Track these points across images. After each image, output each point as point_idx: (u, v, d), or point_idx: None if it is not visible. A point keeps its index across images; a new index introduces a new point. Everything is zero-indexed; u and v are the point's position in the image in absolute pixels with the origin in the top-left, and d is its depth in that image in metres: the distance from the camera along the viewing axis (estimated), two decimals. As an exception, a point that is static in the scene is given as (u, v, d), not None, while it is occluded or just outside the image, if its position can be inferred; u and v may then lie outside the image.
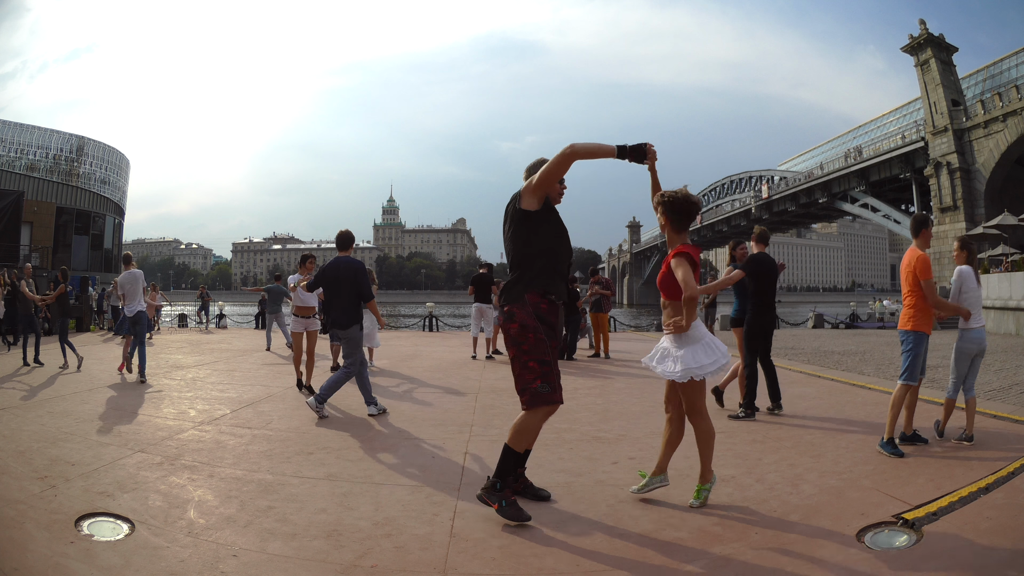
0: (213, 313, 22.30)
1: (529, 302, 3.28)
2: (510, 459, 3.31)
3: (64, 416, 5.64)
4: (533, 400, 3.26)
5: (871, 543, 2.93)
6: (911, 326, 4.57)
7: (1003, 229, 23.56)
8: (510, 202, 3.39)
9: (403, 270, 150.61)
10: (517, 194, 3.36)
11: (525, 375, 3.27)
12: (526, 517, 3.20)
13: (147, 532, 3.03)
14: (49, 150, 76.14)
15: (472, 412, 6.07)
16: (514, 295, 3.30)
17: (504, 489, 3.25)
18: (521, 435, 3.30)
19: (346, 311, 5.87)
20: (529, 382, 3.25)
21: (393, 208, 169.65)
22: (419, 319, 24.33)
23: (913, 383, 4.57)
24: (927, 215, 4.91)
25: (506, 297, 3.33)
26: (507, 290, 3.35)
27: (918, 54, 38.48)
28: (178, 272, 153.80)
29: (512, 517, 3.19)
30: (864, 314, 30.25)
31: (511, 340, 3.30)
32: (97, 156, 76.79)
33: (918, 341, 4.54)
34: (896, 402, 4.54)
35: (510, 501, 3.24)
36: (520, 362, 3.27)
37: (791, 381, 8.15)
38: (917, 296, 4.56)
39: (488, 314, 10.89)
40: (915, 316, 4.56)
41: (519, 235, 3.32)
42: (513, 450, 3.31)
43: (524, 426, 3.29)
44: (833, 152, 57.42)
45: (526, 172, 3.45)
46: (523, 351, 3.26)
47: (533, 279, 3.31)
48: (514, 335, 3.28)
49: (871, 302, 43.57)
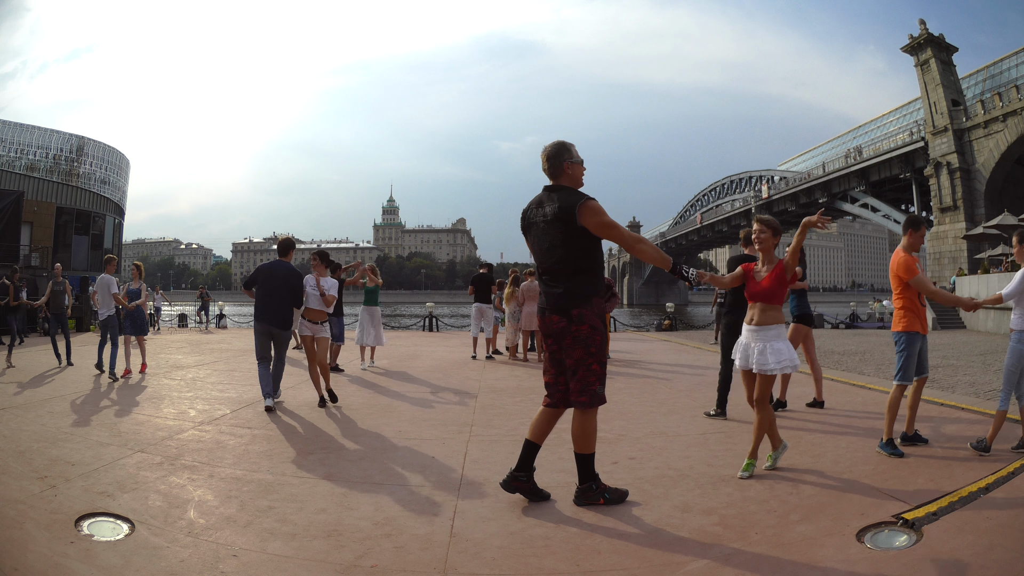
0: (213, 313, 22.31)
1: (596, 304, 3.40)
2: (589, 462, 3.47)
3: (64, 416, 5.64)
4: (592, 401, 3.38)
5: (871, 543, 2.93)
6: (902, 327, 4.62)
7: (1003, 229, 23.57)
8: (560, 208, 3.36)
9: (403, 270, 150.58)
10: (575, 208, 3.31)
11: (589, 377, 3.37)
12: (626, 492, 3.53)
13: (147, 532, 3.02)
14: (49, 150, 76.14)
15: (472, 412, 6.07)
16: (582, 298, 3.37)
17: (598, 486, 3.45)
18: (586, 438, 3.43)
19: (280, 313, 6.21)
20: (591, 383, 3.37)
21: (393, 208, 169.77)
22: (419, 319, 24.33)
23: (907, 383, 4.60)
24: (918, 217, 4.91)
25: (571, 300, 3.37)
26: (572, 294, 3.38)
27: (918, 54, 38.44)
28: (178, 272, 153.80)
29: (620, 499, 3.46)
30: (864, 314, 30.28)
31: (580, 342, 3.36)
32: (97, 156, 76.82)
33: (910, 341, 4.58)
34: (893, 403, 4.55)
35: (609, 490, 3.47)
36: (585, 364, 3.36)
37: (791, 381, 8.14)
38: (906, 297, 4.62)
39: (488, 314, 10.89)
40: (905, 316, 4.62)
41: (579, 245, 3.37)
42: (586, 454, 3.45)
43: (586, 428, 3.42)
44: (833, 152, 57.36)
45: (550, 157, 3.48)
46: (590, 353, 3.37)
47: (596, 284, 3.43)
48: (584, 337, 3.36)
49: (871, 302, 43.61)
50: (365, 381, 8.19)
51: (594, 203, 3.34)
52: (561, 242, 3.38)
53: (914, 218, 4.78)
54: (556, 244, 3.40)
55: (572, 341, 3.37)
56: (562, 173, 3.48)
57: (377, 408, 6.31)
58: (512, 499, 3.55)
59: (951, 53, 38.46)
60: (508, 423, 5.55)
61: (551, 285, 3.45)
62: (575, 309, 3.36)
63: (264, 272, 6.33)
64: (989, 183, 34.82)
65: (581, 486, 3.46)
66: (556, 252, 3.40)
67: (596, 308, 3.39)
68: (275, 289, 6.20)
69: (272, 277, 6.25)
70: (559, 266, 3.41)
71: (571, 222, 3.33)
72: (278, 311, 6.18)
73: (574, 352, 3.37)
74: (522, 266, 13.91)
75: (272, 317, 6.20)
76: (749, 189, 63.55)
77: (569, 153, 3.49)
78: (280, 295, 6.18)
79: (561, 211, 3.36)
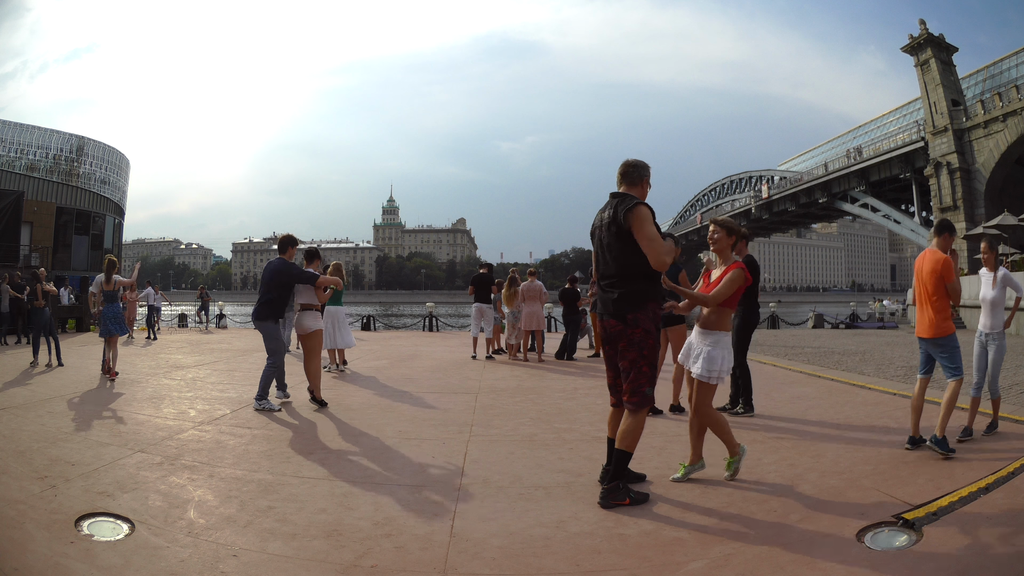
0: (213, 313, 22.29)
1: (651, 308, 3.46)
2: (625, 461, 3.50)
3: (64, 416, 5.64)
4: (643, 402, 3.46)
5: (871, 543, 2.93)
6: (954, 330, 4.56)
7: (1003, 229, 23.58)
8: (615, 212, 3.48)
9: (403, 270, 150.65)
10: (627, 212, 3.42)
11: (640, 379, 3.45)
12: (647, 495, 3.55)
13: (147, 532, 3.03)
14: (49, 150, 76.05)
15: (472, 412, 6.07)
16: (637, 302, 3.45)
17: (624, 486, 3.47)
18: (632, 437, 3.47)
19: (258, 306, 6.37)
20: (642, 385, 3.45)
21: (393, 208, 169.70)
22: (419, 319, 24.34)
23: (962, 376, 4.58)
24: (951, 222, 4.89)
25: (627, 304, 3.45)
26: (628, 298, 3.45)
27: (918, 54, 38.45)
28: (178, 272, 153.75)
29: (643, 501, 3.48)
30: (864, 314, 30.28)
31: (634, 344, 3.44)
32: (97, 156, 76.72)
33: (956, 340, 4.59)
34: (952, 400, 4.46)
35: (633, 492, 3.48)
36: (637, 366, 3.45)
37: (791, 381, 8.16)
38: (945, 299, 4.54)
39: (488, 314, 10.89)
40: (948, 319, 4.57)
41: (633, 249, 3.44)
42: (627, 452, 3.48)
43: (634, 428, 3.47)
44: (833, 152, 57.29)
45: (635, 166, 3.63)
46: (643, 355, 3.45)
47: (652, 289, 3.50)
48: (638, 340, 3.44)
49: (871, 302, 43.60)
50: (365, 381, 8.19)
51: (643, 209, 3.43)
52: (615, 246, 3.49)
53: (949, 223, 4.76)
54: (611, 248, 3.52)
55: (627, 344, 3.46)
56: (635, 186, 3.61)
57: (377, 408, 6.31)
58: (512, 499, 3.56)
59: (951, 53, 38.48)
60: (508, 423, 5.55)
61: (607, 290, 3.55)
62: (630, 313, 3.44)
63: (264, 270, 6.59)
64: (989, 183, 34.84)
65: (608, 485, 3.45)
66: (611, 256, 3.52)
67: (651, 312, 3.47)
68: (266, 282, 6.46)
69: (264, 272, 6.54)
70: (614, 270, 3.51)
71: (622, 225, 3.44)
72: (257, 303, 6.43)
73: (628, 354, 3.46)
74: (522, 266, 13.90)
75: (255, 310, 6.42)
76: (749, 189, 63.49)
77: (649, 173, 3.68)
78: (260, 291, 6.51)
79: (616, 215, 3.48)
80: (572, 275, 12.73)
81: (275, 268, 6.41)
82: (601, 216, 3.62)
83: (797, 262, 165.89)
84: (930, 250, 4.65)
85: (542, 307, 10.72)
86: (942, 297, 4.52)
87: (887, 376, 8.63)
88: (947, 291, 4.50)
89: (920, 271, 4.65)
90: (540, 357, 10.57)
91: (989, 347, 4.96)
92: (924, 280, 4.59)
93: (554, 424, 5.49)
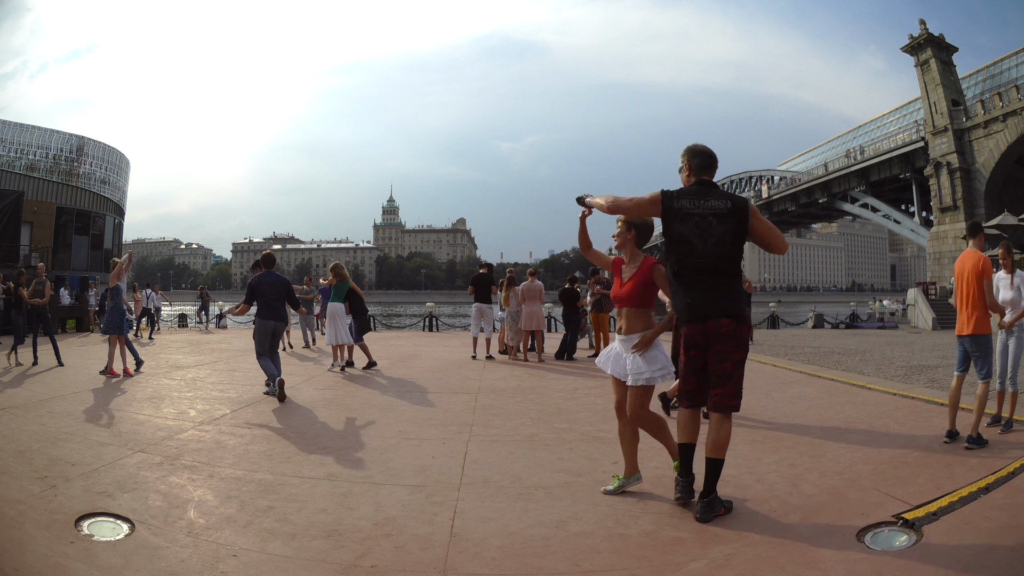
0: (213, 313, 22.28)
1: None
2: (719, 469, 3.32)
3: (64, 416, 5.64)
4: (738, 405, 3.32)
5: (871, 543, 2.93)
6: (991, 330, 4.73)
7: (1003, 229, 23.59)
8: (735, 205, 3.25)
9: (403, 270, 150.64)
10: (748, 207, 3.29)
11: (741, 380, 3.31)
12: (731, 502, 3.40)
13: (147, 532, 3.03)
14: (49, 150, 76.05)
15: (472, 412, 6.07)
16: (743, 299, 3.39)
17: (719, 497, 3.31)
18: (725, 444, 3.30)
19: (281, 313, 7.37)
20: (741, 387, 3.30)
21: (393, 208, 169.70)
22: (419, 319, 24.33)
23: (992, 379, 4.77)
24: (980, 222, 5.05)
25: (738, 302, 3.31)
26: (736, 296, 3.31)
27: (918, 54, 38.45)
28: (178, 272, 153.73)
29: (731, 508, 3.34)
30: (864, 314, 30.26)
31: (742, 345, 3.29)
32: (97, 156, 76.72)
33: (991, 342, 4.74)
34: (983, 400, 4.65)
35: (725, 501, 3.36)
36: (742, 367, 3.31)
37: (791, 381, 8.16)
38: (982, 299, 4.70)
39: (488, 314, 10.88)
40: (988, 318, 4.71)
41: (741, 246, 3.33)
42: (721, 460, 3.31)
43: (726, 433, 3.31)
44: (833, 152, 57.26)
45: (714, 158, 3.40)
46: (744, 356, 3.32)
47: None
48: (745, 339, 3.32)
49: (871, 302, 43.58)
50: (365, 381, 8.19)
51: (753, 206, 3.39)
52: (732, 240, 3.25)
53: (980, 223, 5.00)
54: (726, 242, 3.23)
55: (736, 344, 3.25)
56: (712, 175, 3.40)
57: (377, 408, 6.31)
58: (512, 499, 3.56)
59: (951, 53, 38.48)
60: (508, 423, 5.55)
61: (711, 286, 3.26)
62: (741, 311, 3.29)
63: (263, 284, 7.26)
64: (989, 183, 34.85)
65: (706, 499, 3.23)
66: (724, 250, 3.24)
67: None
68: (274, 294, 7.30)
69: (271, 286, 7.27)
70: (725, 265, 3.27)
71: (744, 221, 3.24)
72: (279, 311, 7.30)
73: (735, 355, 3.25)
74: (522, 266, 13.88)
75: (276, 315, 7.21)
76: (749, 189, 63.47)
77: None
78: (279, 298, 7.36)
79: (736, 208, 3.24)
80: (572, 275, 12.73)
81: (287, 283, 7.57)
82: (703, 203, 3.24)
83: (797, 262, 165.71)
84: (969, 251, 4.86)
85: (542, 307, 10.73)
86: (980, 297, 4.69)
87: (887, 376, 8.63)
88: (986, 289, 4.66)
89: (962, 271, 4.82)
90: (540, 357, 10.57)
91: (1010, 341, 5.07)
92: (967, 279, 4.75)
93: (554, 424, 5.49)
